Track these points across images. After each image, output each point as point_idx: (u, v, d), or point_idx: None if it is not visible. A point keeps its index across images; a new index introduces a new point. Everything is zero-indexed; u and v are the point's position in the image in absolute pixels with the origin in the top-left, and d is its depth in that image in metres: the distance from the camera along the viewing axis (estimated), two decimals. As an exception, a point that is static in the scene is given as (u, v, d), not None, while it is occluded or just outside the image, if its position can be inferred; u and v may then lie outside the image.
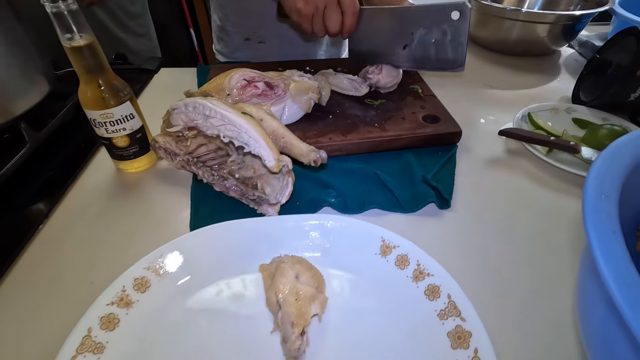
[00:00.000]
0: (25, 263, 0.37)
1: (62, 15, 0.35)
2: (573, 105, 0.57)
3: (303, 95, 0.51)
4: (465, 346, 0.28)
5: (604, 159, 0.24)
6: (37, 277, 0.36)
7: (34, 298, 0.34)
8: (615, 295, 0.17)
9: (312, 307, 0.30)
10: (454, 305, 0.30)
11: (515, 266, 0.37)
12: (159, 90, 0.65)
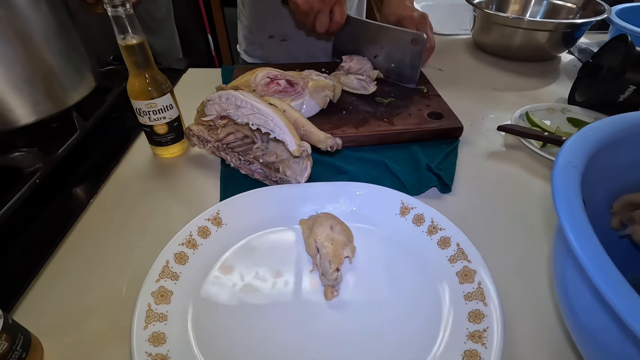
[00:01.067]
0: (80, 229, 0.43)
1: (120, 19, 0.41)
2: (568, 105, 0.62)
3: (320, 92, 0.56)
4: (471, 280, 0.34)
5: (574, 138, 0.29)
6: (90, 241, 0.42)
7: (89, 256, 0.40)
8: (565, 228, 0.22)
9: (344, 251, 0.37)
10: (462, 251, 0.36)
11: (508, 233, 0.42)
12: (187, 87, 0.72)
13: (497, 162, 0.53)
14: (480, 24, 0.81)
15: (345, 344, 0.32)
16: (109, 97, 0.61)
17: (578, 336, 0.27)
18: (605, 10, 0.74)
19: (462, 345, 0.30)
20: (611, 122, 0.31)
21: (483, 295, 0.33)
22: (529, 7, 0.88)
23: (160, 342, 0.30)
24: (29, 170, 0.45)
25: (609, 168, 0.33)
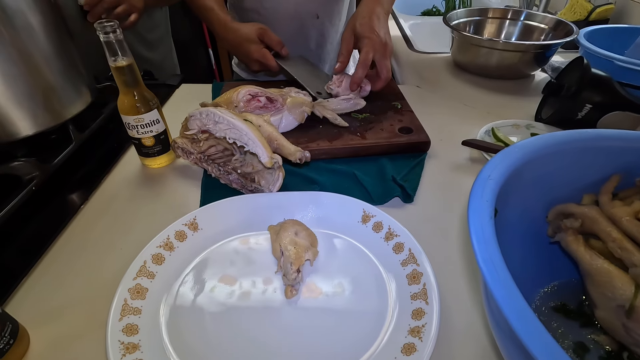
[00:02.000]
0: (70, 232, 0.47)
1: (111, 44, 0.46)
2: (533, 122, 0.65)
3: (298, 108, 0.61)
4: (418, 282, 0.38)
5: (500, 154, 0.33)
6: (78, 243, 0.46)
7: (76, 256, 0.44)
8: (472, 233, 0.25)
9: (306, 254, 0.41)
10: (413, 256, 0.40)
11: (460, 240, 0.45)
12: (180, 102, 0.77)
13: (460, 174, 0.57)
14: (458, 44, 0.86)
15: (302, 337, 0.35)
16: (105, 111, 0.66)
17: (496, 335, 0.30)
18: (574, 31, 0.78)
19: (403, 339, 0.34)
20: (539, 140, 0.35)
21: (426, 295, 0.36)
22: (504, 27, 0.93)
23: (133, 333, 0.34)
24: (26, 178, 0.50)
25: (542, 181, 0.37)
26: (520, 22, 0.90)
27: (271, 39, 0.71)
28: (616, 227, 0.33)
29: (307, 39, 0.86)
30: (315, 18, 0.84)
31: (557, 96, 0.65)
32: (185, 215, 0.45)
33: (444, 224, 0.48)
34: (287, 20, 0.82)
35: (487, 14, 0.93)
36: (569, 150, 0.36)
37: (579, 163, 0.37)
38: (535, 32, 0.88)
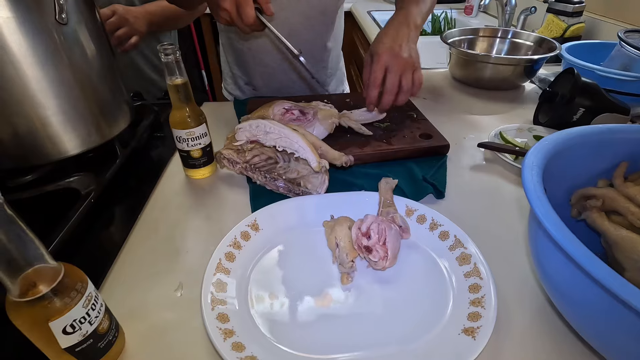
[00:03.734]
0: (133, 239, 0.50)
1: (170, 64, 0.51)
2: (533, 125, 0.74)
3: (328, 120, 0.66)
4: (468, 262, 0.43)
5: (535, 147, 0.39)
6: (144, 248, 0.48)
7: (145, 261, 0.47)
8: (534, 207, 0.31)
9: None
10: (459, 241, 0.45)
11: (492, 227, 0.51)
12: (205, 119, 0.81)
13: (479, 173, 0.64)
14: (455, 59, 0.95)
15: (365, 319, 0.39)
16: (140, 129, 0.69)
17: (551, 290, 0.36)
18: (557, 47, 0.89)
19: (466, 309, 0.39)
20: (564, 134, 0.42)
21: (479, 272, 0.42)
22: (494, 45, 1.03)
23: (225, 320, 0.37)
24: (85, 191, 0.52)
25: (564, 169, 0.44)
26: (508, 40, 1.01)
27: None
28: (632, 202, 0.40)
29: (288, 73, 0.92)
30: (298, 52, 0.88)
31: (551, 102, 0.74)
32: (246, 218, 0.49)
33: (473, 213, 0.54)
34: (272, 54, 0.87)
35: (479, 33, 1.04)
36: (587, 142, 0.43)
37: (594, 153, 0.44)
38: (522, 48, 0.98)
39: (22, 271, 0.27)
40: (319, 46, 0.91)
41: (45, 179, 0.53)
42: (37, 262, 0.28)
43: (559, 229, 0.30)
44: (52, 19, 0.47)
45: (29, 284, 0.28)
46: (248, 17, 0.53)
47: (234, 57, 0.95)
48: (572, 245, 0.28)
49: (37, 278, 0.28)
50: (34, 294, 0.28)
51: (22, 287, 0.28)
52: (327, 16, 0.87)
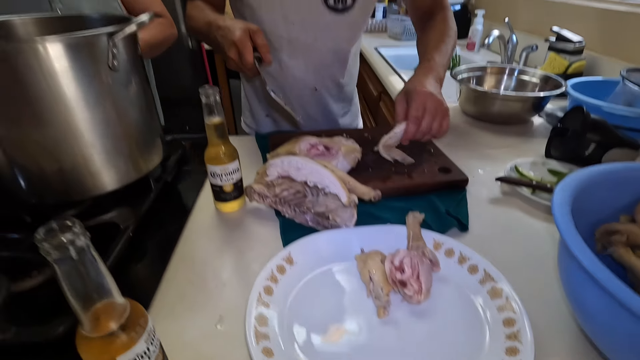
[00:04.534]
0: (171, 273, 0.51)
1: (209, 105, 0.54)
2: (547, 159, 0.77)
3: (351, 155, 0.69)
4: (500, 296, 0.44)
5: (560, 185, 0.42)
6: (181, 281, 0.50)
7: (184, 294, 0.48)
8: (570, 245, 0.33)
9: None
10: (489, 275, 0.46)
11: (516, 259, 0.52)
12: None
13: (499, 206, 0.66)
14: (465, 95, 0.99)
15: (405, 352, 0.40)
16: (170, 163, 0.72)
17: (583, 320, 0.37)
18: (562, 85, 0.93)
19: (503, 343, 0.40)
20: (583, 174, 0.45)
21: (511, 306, 0.43)
22: (502, 81, 1.08)
23: (270, 355, 0.38)
24: (124, 225, 0.54)
25: (588, 205, 0.46)
26: (515, 77, 1.06)
27: (259, 39, 0.65)
28: (656, 238, 0.42)
29: (307, 105, 0.96)
30: (313, 90, 0.94)
31: (563, 137, 0.77)
32: (280, 252, 0.51)
33: (497, 246, 0.56)
34: (286, 92, 0.92)
35: (487, 70, 1.09)
36: (608, 180, 0.45)
37: (614, 190, 0.47)
38: (528, 85, 1.03)
39: (94, 306, 0.29)
40: (332, 83, 0.96)
41: (87, 214, 0.55)
42: (107, 297, 0.30)
43: (594, 264, 0.31)
44: (105, 66, 0.51)
45: (94, 318, 0.30)
46: (247, 64, 0.63)
47: (252, 91, 1.00)
48: (608, 279, 0.30)
49: (104, 313, 0.30)
50: (104, 330, 0.29)
51: (90, 322, 0.29)
52: (341, 55, 0.92)
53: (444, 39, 0.79)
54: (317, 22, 0.82)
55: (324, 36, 0.85)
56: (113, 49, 0.50)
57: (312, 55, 0.87)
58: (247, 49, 0.63)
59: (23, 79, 0.45)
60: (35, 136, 0.49)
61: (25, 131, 0.49)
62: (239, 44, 0.63)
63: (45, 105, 0.48)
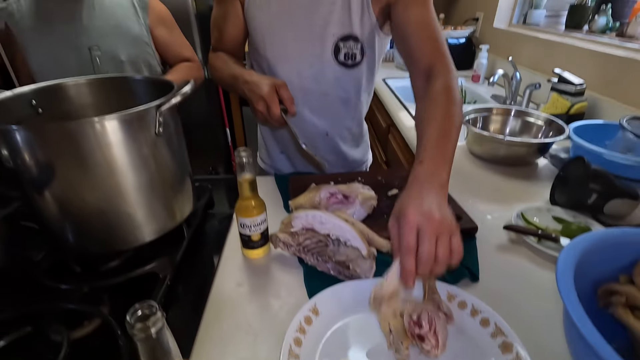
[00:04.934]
0: (205, 322, 0.56)
1: (244, 164, 0.60)
2: (552, 206, 0.81)
3: (367, 202, 0.75)
4: (510, 351, 0.48)
5: (564, 253, 0.47)
6: (218, 329, 0.55)
7: (221, 340, 0.53)
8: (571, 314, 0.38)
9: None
10: (500, 329, 0.50)
11: (524, 310, 0.56)
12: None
13: (506, 254, 0.70)
14: (473, 138, 1.05)
15: None
16: (198, 208, 0.77)
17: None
18: (565, 129, 0.99)
19: (514, 400, 0.44)
20: (590, 237, 0.50)
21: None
22: (508, 122, 1.14)
23: (303, 407, 0.43)
24: (162, 274, 0.59)
25: (589, 266, 0.50)
26: (520, 119, 1.12)
27: (285, 93, 0.71)
28: (652, 301, 0.46)
29: (319, 148, 1.01)
30: (325, 135, 0.99)
31: (566, 186, 0.82)
32: (307, 303, 0.55)
33: (505, 295, 0.60)
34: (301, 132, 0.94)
35: (492, 111, 1.15)
36: (607, 244, 0.50)
37: (613, 252, 0.51)
38: (533, 127, 1.09)
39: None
40: (343, 128, 1.01)
41: (129, 264, 0.61)
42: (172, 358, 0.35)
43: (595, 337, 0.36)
44: (151, 133, 0.57)
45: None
46: (274, 115, 0.71)
47: (267, 130, 1.06)
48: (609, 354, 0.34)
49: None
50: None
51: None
52: (350, 104, 0.97)
53: (448, 121, 0.62)
54: (329, 76, 0.88)
55: (335, 88, 0.91)
56: (159, 118, 0.56)
57: (323, 105, 0.94)
58: (274, 102, 0.71)
59: (81, 151, 0.51)
60: (87, 197, 0.55)
61: (78, 193, 0.55)
62: (267, 98, 0.71)
63: (99, 172, 0.54)
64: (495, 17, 1.97)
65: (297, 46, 0.85)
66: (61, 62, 1.02)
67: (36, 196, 0.56)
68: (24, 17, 1.02)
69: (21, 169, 0.53)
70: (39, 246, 0.64)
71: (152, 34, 1.09)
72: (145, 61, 1.10)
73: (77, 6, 1.02)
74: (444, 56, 0.73)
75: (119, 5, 1.05)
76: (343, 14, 0.81)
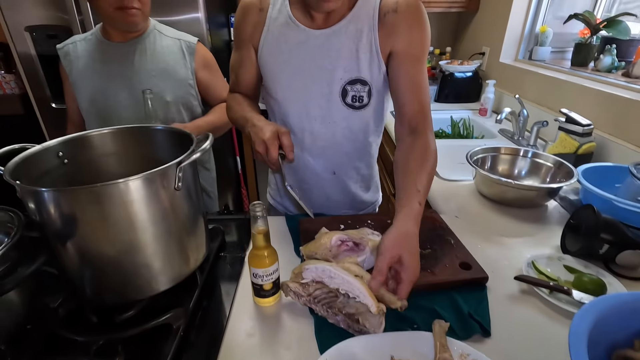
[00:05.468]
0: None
1: (257, 217, 0.62)
2: (562, 255, 0.81)
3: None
4: None
5: (579, 315, 0.47)
6: (229, 386, 0.55)
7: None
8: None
9: None
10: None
11: None
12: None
13: (517, 305, 0.70)
14: (482, 180, 1.06)
15: None
16: (211, 252, 0.79)
17: None
18: (574, 173, 0.99)
19: None
20: (604, 301, 0.50)
21: None
22: (516, 162, 1.15)
23: None
24: (176, 325, 0.60)
25: (603, 330, 0.50)
26: (529, 159, 1.13)
27: (286, 140, 0.78)
28: (669, 371, 0.46)
29: (327, 188, 1.03)
30: (332, 174, 1.01)
31: (576, 234, 0.82)
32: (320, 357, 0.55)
33: (517, 349, 0.60)
34: (306, 170, 1.00)
35: (500, 151, 1.16)
36: (621, 309, 0.50)
37: (628, 317, 0.51)
38: (542, 168, 1.10)
39: None
40: (351, 168, 1.02)
41: (144, 314, 0.62)
42: None
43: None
44: (171, 188, 0.59)
45: None
46: (271, 159, 0.77)
47: None
48: None
49: None
50: None
51: None
52: (358, 145, 0.98)
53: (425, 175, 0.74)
54: (336, 117, 0.91)
55: (342, 129, 0.93)
56: (179, 173, 0.59)
57: (331, 144, 0.96)
58: (273, 147, 0.77)
59: (104, 209, 0.54)
60: (107, 250, 0.57)
61: (98, 247, 0.57)
62: (268, 142, 0.76)
63: (119, 227, 0.56)
64: (502, 52, 2.01)
65: (305, 89, 0.89)
66: (110, 100, 1.11)
67: (58, 246, 0.58)
68: (78, 57, 1.11)
69: (46, 222, 0.55)
70: (57, 291, 0.66)
71: (196, 77, 1.17)
72: (188, 102, 1.18)
73: (131, 50, 1.10)
74: (426, 118, 0.83)
75: (169, 51, 1.13)
76: (351, 59, 0.84)
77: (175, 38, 1.16)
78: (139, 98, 1.05)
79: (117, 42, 1.10)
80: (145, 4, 1.05)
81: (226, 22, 2.27)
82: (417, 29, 0.81)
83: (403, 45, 0.81)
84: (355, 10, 0.82)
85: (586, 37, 1.65)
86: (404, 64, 0.82)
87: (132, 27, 1.07)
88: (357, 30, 0.82)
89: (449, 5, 2.22)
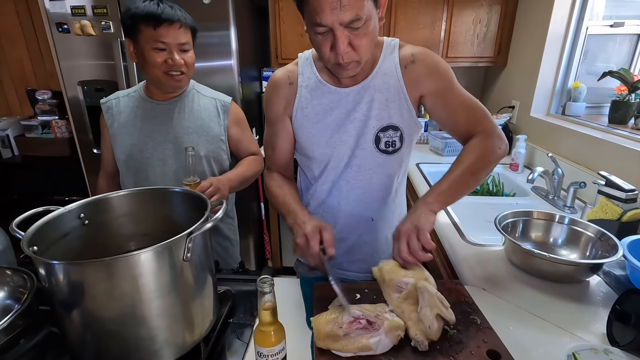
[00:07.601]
0: None
1: (264, 293, 0.59)
2: (609, 347, 0.71)
3: (394, 332, 0.69)
4: None
5: None
6: None
7: None
8: None
9: None
10: None
11: None
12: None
13: (558, 411, 0.60)
14: (512, 249, 0.98)
15: None
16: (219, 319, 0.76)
17: None
18: (618, 246, 0.90)
19: None
20: None
21: None
22: (551, 229, 1.06)
23: None
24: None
25: None
26: (566, 226, 1.04)
27: (327, 235, 0.79)
28: None
29: (360, 235, 1.02)
30: (370, 221, 1.02)
31: (624, 322, 0.72)
32: None
33: None
34: (344, 220, 1.00)
35: (533, 215, 1.09)
36: None
37: None
38: (582, 238, 1.00)
39: None
40: (385, 209, 1.02)
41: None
42: None
43: None
44: (180, 259, 0.58)
45: None
46: (312, 252, 0.76)
47: None
48: None
49: None
50: None
51: None
52: (388, 183, 0.99)
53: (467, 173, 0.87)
54: (371, 163, 0.95)
55: (377, 175, 0.96)
56: (189, 244, 0.58)
57: (368, 190, 0.98)
58: (314, 240, 0.77)
59: (112, 281, 0.53)
60: (110, 323, 0.56)
61: (102, 318, 0.56)
62: (309, 235, 0.77)
63: (125, 301, 0.55)
64: (532, 107, 1.97)
65: (341, 142, 0.93)
66: (146, 153, 1.17)
67: (62, 312, 0.57)
68: (120, 112, 1.20)
69: (54, 290, 0.55)
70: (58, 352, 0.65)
71: (228, 133, 1.25)
72: (218, 156, 1.25)
73: (171, 108, 1.18)
74: (480, 122, 0.90)
75: (205, 109, 1.22)
76: (381, 109, 0.90)
77: (211, 97, 1.24)
78: (175, 152, 1.12)
79: (159, 100, 1.18)
80: (190, 68, 1.14)
81: (258, 76, 2.40)
82: (436, 71, 0.88)
83: (430, 88, 0.88)
84: (378, 66, 0.89)
85: (623, 94, 1.58)
86: (439, 100, 0.90)
87: (177, 90, 1.17)
88: (384, 83, 0.89)
89: (477, 60, 2.24)
